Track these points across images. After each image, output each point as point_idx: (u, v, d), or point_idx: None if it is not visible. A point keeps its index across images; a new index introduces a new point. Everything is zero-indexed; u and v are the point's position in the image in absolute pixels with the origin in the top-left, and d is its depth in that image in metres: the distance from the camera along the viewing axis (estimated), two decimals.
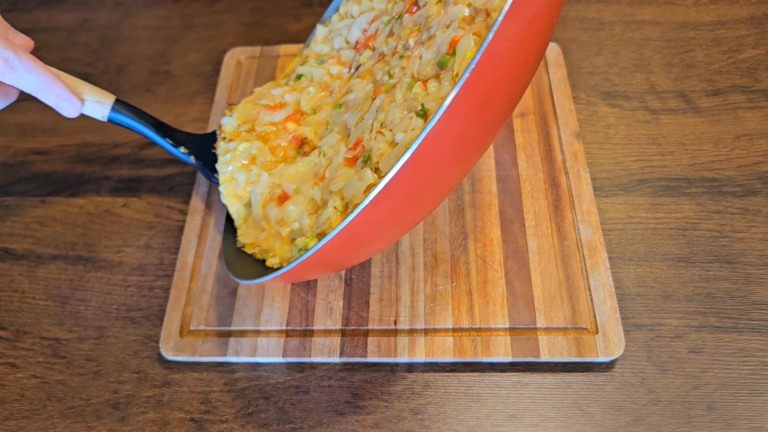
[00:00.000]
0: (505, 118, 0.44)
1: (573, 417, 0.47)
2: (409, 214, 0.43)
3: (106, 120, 0.52)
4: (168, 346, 0.51)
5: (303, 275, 0.46)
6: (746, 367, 0.49)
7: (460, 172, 0.44)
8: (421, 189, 0.40)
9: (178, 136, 0.55)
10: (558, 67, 0.66)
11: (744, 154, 0.60)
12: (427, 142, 0.35)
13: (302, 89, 0.58)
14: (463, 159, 0.42)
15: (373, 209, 0.37)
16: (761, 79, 0.65)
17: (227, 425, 0.48)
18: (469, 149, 0.42)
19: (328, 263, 0.44)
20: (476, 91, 0.35)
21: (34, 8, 0.78)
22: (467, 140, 0.40)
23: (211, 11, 0.77)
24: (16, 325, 0.54)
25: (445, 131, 0.35)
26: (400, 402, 0.49)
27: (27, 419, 0.49)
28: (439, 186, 0.43)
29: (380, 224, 0.40)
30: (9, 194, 0.62)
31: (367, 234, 0.40)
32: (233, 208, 0.53)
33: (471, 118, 0.38)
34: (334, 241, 0.38)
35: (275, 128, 0.56)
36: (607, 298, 0.51)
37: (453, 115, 0.35)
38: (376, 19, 0.58)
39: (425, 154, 0.35)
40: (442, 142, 0.36)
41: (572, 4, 0.74)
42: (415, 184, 0.38)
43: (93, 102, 0.51)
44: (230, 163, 0.53)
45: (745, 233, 0.55)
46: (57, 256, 0.58)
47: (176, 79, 0.70)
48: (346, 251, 0.42)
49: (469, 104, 0.36)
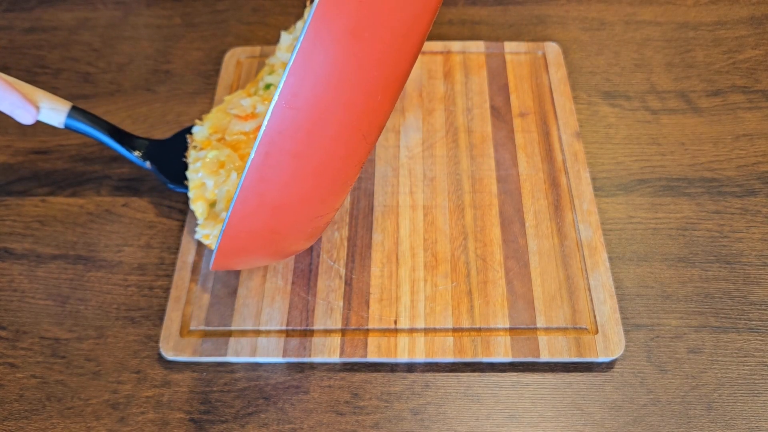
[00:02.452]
0: (401, 51, 0.39)
1: (573, 417, 0.48)
2: (308, 169, 0.39)
3: (62, 127, 0.53)
4: (168, 346, 0.51)
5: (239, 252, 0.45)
6: (745, 368, 0.49)
7: (354, 121, 0.39)
8: (305, 133, 0.37)
9: (134, 142, 0.57)
10: (558, 67, 0.66)
11: (743, 154, 0.60)
12: (296, 76, 0.32)
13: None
14: (350, 101, 0.37)
15: (266, 161, 0.35)
16: (761, 79, 0.65)
17: (227, 425, 0.48)
18: (353, 85, 0.37)
19: (255, 230, 0.42)
20: (340, 7, 0.32)
21: (35, 7, 0.78)
22: (345, 74, 0.36)
23: (212, 10, 0.77)
24: (16, 324, 0.54)
25: (315, 60, 0.32)
26: (400, 402, 0.49)
27: (26, 419, 0.49)
28: (330, 135, 0.38)
29: (280, 182, 0.38)
30: (9, 194, 0.62)
31: (272, 192, 0.38)
32: (199, 210, 0.54)
33: (342, 46, 0.34)
34: (242, 204, 0.37)
35: (246, 138, 0.56)
36: (607, 298, 0.51)
37: (318, 38, 0.31)
38: None
39: (299, 92, 0.33)
40: (312, 75, 0.33)
41: (573, 5, 0.74)
42: (298, 127, 0.36)
43: (48, 109, 0.52)
44: (200, 170, 0.54)
45: (745, 233, 0.56)
46: (57, 255, 0.58)
47: (177, 78, 0.70)
48: (263, 214, 0.40)
49: (332, 26, 0.32)
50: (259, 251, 0.46)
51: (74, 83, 0.70)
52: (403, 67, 0.40)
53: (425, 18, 0.39)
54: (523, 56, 0.68)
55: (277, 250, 0.47)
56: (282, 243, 0.46)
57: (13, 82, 0.51)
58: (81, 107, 0.54)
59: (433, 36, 0.72)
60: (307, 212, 0.43)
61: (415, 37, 0.39)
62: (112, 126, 0.56)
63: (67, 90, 0.70)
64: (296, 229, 0.44)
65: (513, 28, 0.72)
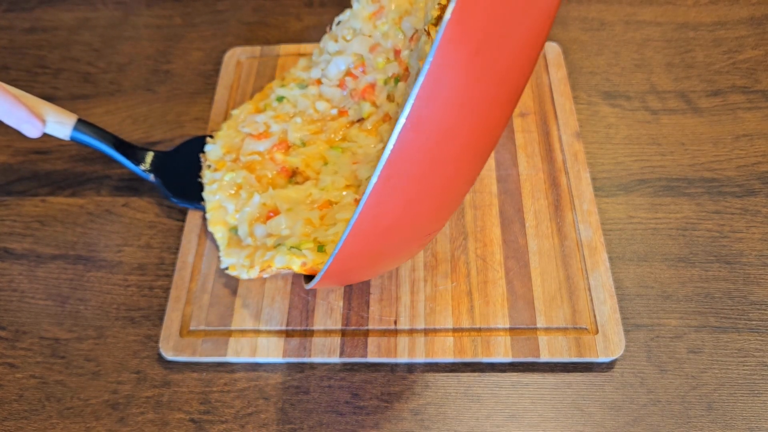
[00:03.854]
0: (521, 69, 0.38)
1: (573, 417, 0.47)
2: (427, 191, 0.39)
3: (68, 139, 0.54)
4: (168, 346, 0.51)
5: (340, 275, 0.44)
6: (745, 368, 0.49)
7: (474, 140, 0.39)
8: (430, 162, 0.36)
9: (138, 154, 0.58)
10: (558, 67, 0.66)
11: (743, 154, 0.60)
12: (421, 100, 0.31)
13: (287, 116, 0.59)
14: (473, 121, 0.37)
15: (387, 184, 0.35)
16: (761, 79, 0.65)
17: (227, 425, 0.48)
18: (476, 105, 0.36)
19: (364, 253, 0.41)
20: (467, 29, 0.31)
21: (35, 7, 0.78)
22: (470, 94, 0.35)
23: (212, 10, 0.77)
24: (16, 324, 0.54)
25: (441, 82, 0.32)
26: (400, 402, 0.49)
27: (26, 419, 0.49)
28: (451, 156, 0.38)
29: (398, 206, 0.37)
30: (9, 194, 0.62)
31: (389, 215, 0.38)
32: (219, 234, 0.54)
33: (468, 66, 0.33)
34: (357, 228, 0.36)
35: (261, 158, 0.56)
36: (607, 298, 0.51)
37: (445, 61, 0.31)
38: (363, 65, 0.59)
39: (425, 115, 0.32)
40: (438, 99, 0.33)
41: (573, 5, 0.74)
42: (423, 153, 0.35)
43: (54, 123, 0.53)
44: (217, 192, 0.55)
45: (744, 233, 0.56)
46: (57, 255, 0.58)
47: (177, 78, 0.70)
48: (375, 237, 0.40)
49: (458, 48, 0.31)
50: (359, 272, 0.45)
51: (74, 83, 0.70)
52: (522, 81, 0.39)
53: (546, 25, 0.38)
54: None
55: (377, 270, 0.47)
56: (385, 263, 0.46)
57: (20, 96, 0.51)
58: (85, 120, 0.55)
59: None
60: (418, 232, 0.43)
61: (537, 47, 0.39)
62: (118, 138, 0.57)
63: (67, 90, 0.70)
64: (403, 249, 0.44)
65: None
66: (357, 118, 0.58)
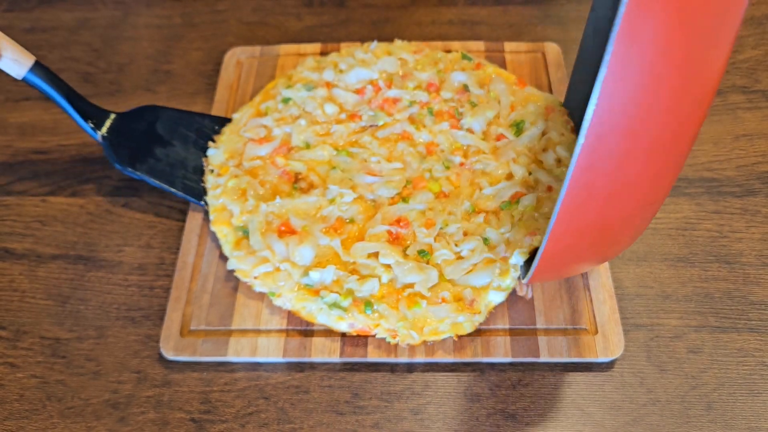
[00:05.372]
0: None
1: (572, 417, 0.48)
2: (641, 147, 0.37)
3: (21, 79, 0.52)
4: (168, 346, 0.51)
5: (562, 257, 0.44)
6: (745, 367, 0.49)
7: (688, 80, 0.35)
8: (637, 107, 0.35)
9: (91, 110, 0.55)
10: (558, 67, 0.66)
11: (743, 154, 0.60)
12: (623, 37, 0.31)
13: (291, 118, 0.59)
14: (681, 58, 0.34)
15: (596, 144, 0.34)
16: (761, 79, 0.65)
17: (227, 425, 0.48)
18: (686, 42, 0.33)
19: (588, 231, 0.41)
20: None
21: (35, 7, 0.78)
22: (675, 32, 0.33)
23: (212, 10, 0.77)
24: (16, 324, 0.54)
25: (644, 24, 0.31)
26: (400, 402, 0.49)
27: (26, 419, 0.49)
28: (663, 107, 0.36)
29: (613, 166, 0.36)
30: (9, 194, 0.62)
31: (603, 180, 0.37)
32: (222, 231, 0.54)
33: None
34: (570, 198, 0.37)
35: (262, 162, 0.57)
36: (606, 299, 0.51)
37: None
38: (390, 82, 0.61)
39: (629, 53, 0.32)
40: (641, 37, 0.31)
41: (573, 5, 0.74)
42: (630, 101, 0.34)
43: (11, 60, 0.51)
44: (221, 196, 0.55)
45: (744, 233, 0.56)
46: (57, 255, 0.58)
47: (177, 78, 0.70)
48: (593, 210, 0.39)
49: None
50: (584, 253, 0.44)
51: (74, 83, 0.70)
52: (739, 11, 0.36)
53: None
54: (523, 56, 0.68)
55: (603, 250, 0.45)
56: (610, 239, 0.43)
57: None
58: (45, 66, 0.53)
59: (433, 36, 0.72)
60: (638, 199, 0.40)
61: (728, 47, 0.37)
62: (73, 90, 0.54)
63: None
64: (627, 221, 0.42)
65: (513, 28, 0.72)
66: (370, 124, 0.58)
